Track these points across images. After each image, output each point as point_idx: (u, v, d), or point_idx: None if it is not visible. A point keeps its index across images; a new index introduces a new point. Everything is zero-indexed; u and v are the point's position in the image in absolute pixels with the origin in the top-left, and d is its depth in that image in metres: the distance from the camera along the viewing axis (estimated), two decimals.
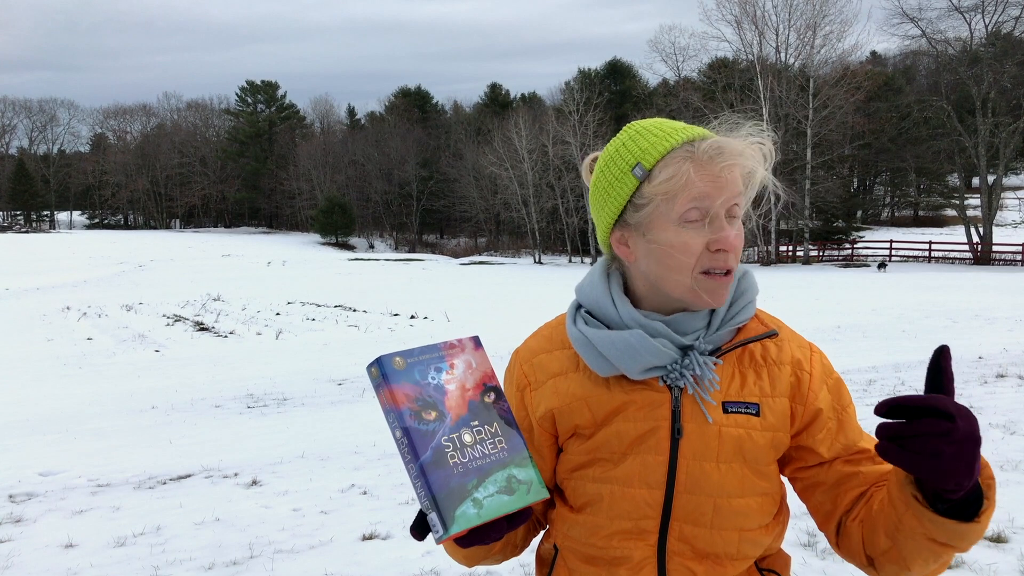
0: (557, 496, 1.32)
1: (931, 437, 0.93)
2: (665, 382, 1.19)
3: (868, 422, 1.30)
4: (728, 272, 1.17)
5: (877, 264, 38.42)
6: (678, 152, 1.16)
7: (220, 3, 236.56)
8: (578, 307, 1.28)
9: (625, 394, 1.21)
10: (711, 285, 1.17)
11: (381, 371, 0.97)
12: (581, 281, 1.30)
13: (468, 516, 0.93)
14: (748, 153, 1.17)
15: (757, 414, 1.19)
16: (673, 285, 1.19)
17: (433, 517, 0.93)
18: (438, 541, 0.93)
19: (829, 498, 1.23)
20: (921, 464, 0.94)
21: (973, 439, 0.94)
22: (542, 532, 1.39)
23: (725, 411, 1.19)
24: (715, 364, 1.19)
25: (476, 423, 0.99)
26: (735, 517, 1.18)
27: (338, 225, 64.05)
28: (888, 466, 1.19)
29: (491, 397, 1.03)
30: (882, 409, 0.96)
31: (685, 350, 1.20)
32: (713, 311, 1.22)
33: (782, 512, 1.27)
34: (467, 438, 0.98)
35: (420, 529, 0.98)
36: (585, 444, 1.23)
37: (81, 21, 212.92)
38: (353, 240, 68.37)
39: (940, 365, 0.99)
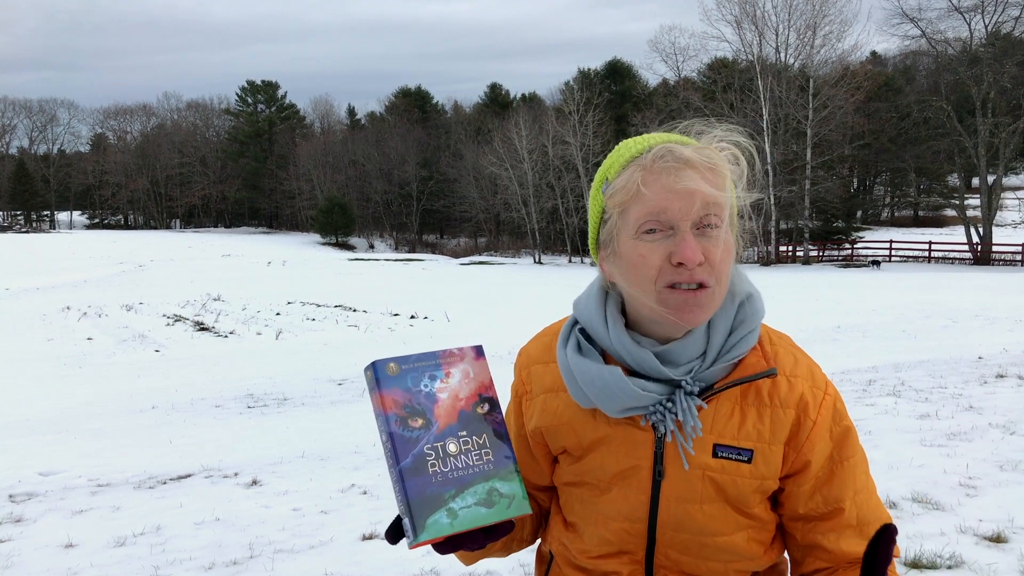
0: (553, 501, 1.32)
1: None
2: (648, 421, 1.14)
3: (865, 423, 1.29)
4: (702, 286, 1.08)
5: (871, 261, 38.52)
6: (635, 161, 1.11)
7: (222, 2, 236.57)
8: (575, 323, 1.22)
9: (608, 427, 1.17)
10: (676, 300, 1.08)
11: (375, 375, 0.98)
12: (579, 296, 1.24)
13: (440, 525, 0.94)
14: (702, 158, 1.08)
15: (749, 461, 1.13)
16: (640, 303, 1.12)
17: (406, 522, 0.95)
18: (409, 546, 0.95)
19: (799, 553, 1.20)
20: None
21: None
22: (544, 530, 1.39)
23: (715, 454, 1.13)
24: (700, 408, 1.13)
25: (464, 433, 0.99)
26: (721, 553, 1.16)
27: (338, 225, 64.04)
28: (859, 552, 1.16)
29: (484, 408, 1.02)
30: None
31: (673, 385, 1.12)
32: (709, 341, 1.13)
33: (778, 540, 1.23)
34: (452, 448, 0.98)
35: (394, 533, 0.99)
36: (574, 465, 1.22)
37: (85, 21, 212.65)
38: (353, 240, 68.33)
39: (876, 551, 1.02)
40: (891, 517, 1.20)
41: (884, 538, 0.99)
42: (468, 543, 0.97)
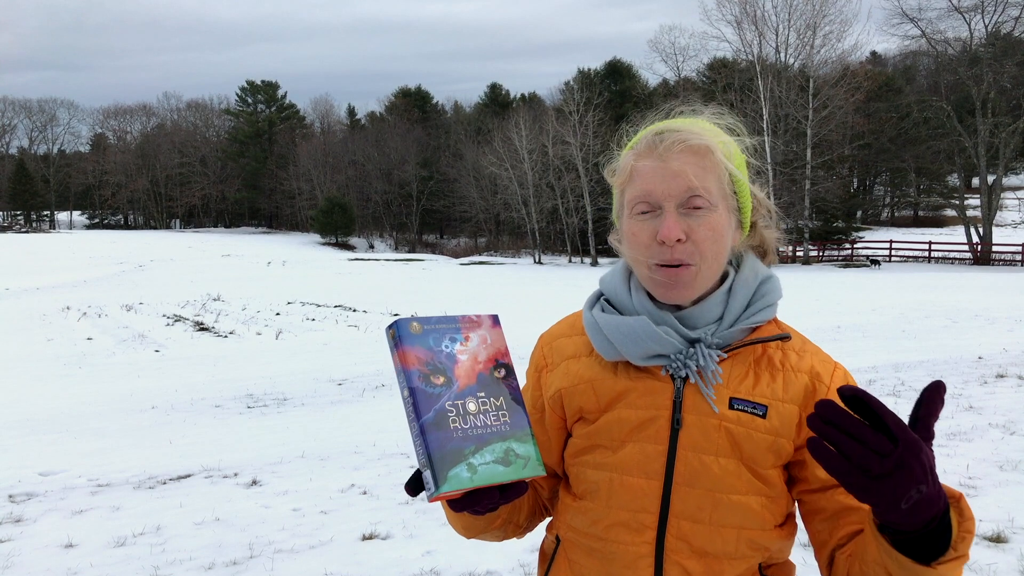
0: (562, 484, 1.33)
1: (867, 449, 0.86)
2: (668, 372, 1.19)
3: None
4: (683, 265, 1.16)
5: (870, 261, 38.61)
6: (634, 147, 1.22)
7: (224, 2, 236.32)
8: (599, 296, 1.30)
9: (629, 380, 1.22)
10: (658, 278, 1.18)
11: (397, 333, 1.01)
12: (605, 272, 1.33)
13: (461, 478, 0.96)
14: (687, 141, 1.16)
15: (763, 416, 1.17)
16: (639, 276, 1.22)
17: (427, 475, 0.96)
18: (430, 499, 0.97)
19: (826, 528, 1.19)
20: (840, 468, 0.88)
21: (911, 475, 0.86)
22: (546, 522, 1.40)
23: (731, 407, 1.17)
24: (720, 357, 1.18)
25: (482, 394, 1.03)
26: (734, 514, 1.16)
27: (338, 225, 64.02)
28: None
29: (501, 373, 1.06)
30: (846, 393, 0.88)
31: (693, 343, 1.19)
32: (727, 308, 1.20)
33: (790, 523, 1.24)
34: (471, 407, 1.01)
35: (414, 486, 1.02)
36: (588, 428, 1.25)
37: (88, 20, 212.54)
38: (353, 240, 68.32)
39: (925, 398, 0.92)
40: None
41: (931, 389, 0.92)
42: (485, 500, 1.00)
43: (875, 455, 0.86)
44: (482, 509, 1.01)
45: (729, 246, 1.21)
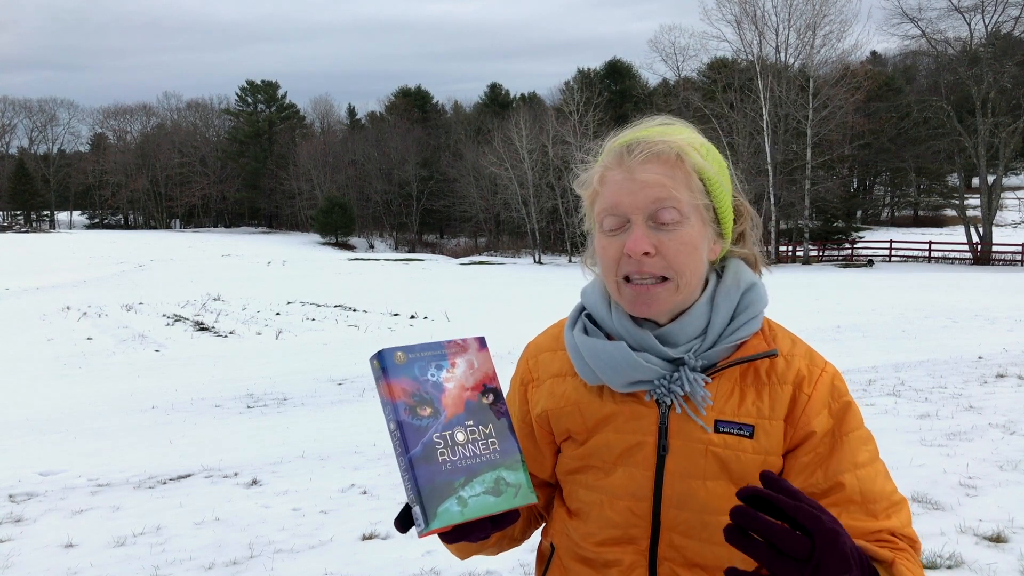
0: (557, 493, 1.32)
1: (785, 559, 0.86)
2: (652, 396, 1.16)
3: (865, 423, 1.28)
4: (664, 280, 1.12)
5: (867, 261, 38.73)
6: (601, 160, 1.18)
7: (225, 2, 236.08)
8: (581, 310, 1.26)
9: (615, 404, 1.19)
10: (628, 292, 1.14)
11: (381, 364, 0.98)
12: (587, 285, 1.28)
13: (451, 513, 0.94)
14: (662, 138, 1.13)
15: (750, 436, 1.14)
16: (611, 292, 1.18)
17: (417, 511, 0.94)
18: (420, 535, 0.95)
19: None
20: (772, 561, 0.86)
21: (832, 571, 0.85)
22: (543, 526, 1.39)
23: (716, 430, 1.14)
24: (705, 381, 1.14)
25: (471, 423, 0.99)
26: None
27: (338, 225, 64.01)
28: (877, 524, 1.10)
29: (489, 399, 1.02)
30: (744, 495, 0.89)
31: (677, 363, 1.15)
32: (710, 322, 1.16)
33: None
34: (460, 437, 0.98)
35: (404, 522, 0.99)
36: (578, 450, 1.23)
37: (88, 20, 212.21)
38: (353, 240, 68.31)
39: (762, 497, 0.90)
40: (905, 499, 1.15)
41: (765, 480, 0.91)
42: (476, 532, 0.97)
43: (793, 563, 0.85)
44: (474, 539, 0.98)
45: (706, 259, 1.16)
